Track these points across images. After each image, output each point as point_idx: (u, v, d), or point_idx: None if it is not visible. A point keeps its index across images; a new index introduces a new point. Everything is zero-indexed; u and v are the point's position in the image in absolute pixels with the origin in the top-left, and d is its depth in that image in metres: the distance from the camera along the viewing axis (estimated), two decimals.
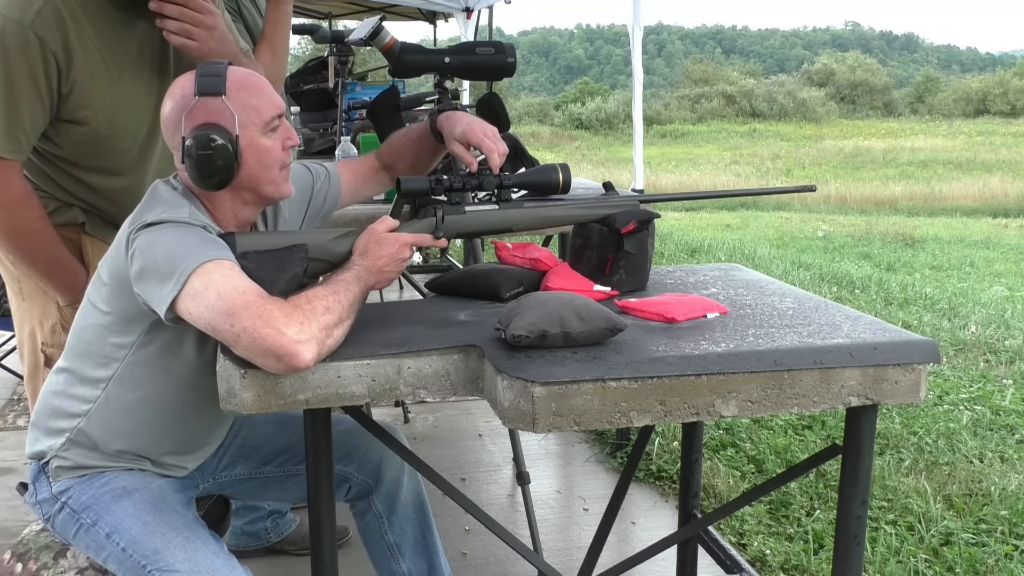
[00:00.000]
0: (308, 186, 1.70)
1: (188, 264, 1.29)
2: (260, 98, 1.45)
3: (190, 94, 1.41)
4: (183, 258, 1.30)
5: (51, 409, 1.51)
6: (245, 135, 1.42)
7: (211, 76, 1.41)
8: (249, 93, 1.44)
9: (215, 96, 1.40)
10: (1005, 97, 43.02)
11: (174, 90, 1.45)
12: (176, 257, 1.31)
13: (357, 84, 3.99)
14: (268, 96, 1.46)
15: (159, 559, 1.41)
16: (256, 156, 1.44)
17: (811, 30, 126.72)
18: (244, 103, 1.42)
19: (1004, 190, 18.39)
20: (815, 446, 3.23)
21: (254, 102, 1.44)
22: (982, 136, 31.47)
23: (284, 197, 1.52)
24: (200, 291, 1.28)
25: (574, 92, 47.63)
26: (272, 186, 1.48)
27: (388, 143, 1.79)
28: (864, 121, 41.17)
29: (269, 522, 2.42)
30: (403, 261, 1.47)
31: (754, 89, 44.01)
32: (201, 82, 1.40)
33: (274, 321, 1.23)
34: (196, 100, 1.40)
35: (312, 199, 1.71)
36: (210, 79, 1.41)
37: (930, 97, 48.46)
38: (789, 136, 33.93)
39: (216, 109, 1.40)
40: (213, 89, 1.40)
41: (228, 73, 1.43)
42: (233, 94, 1.42)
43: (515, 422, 1.22)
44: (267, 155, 1.45)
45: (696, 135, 34.90)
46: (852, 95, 47.75)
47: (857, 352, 1.31)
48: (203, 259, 1.30)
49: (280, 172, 1.49)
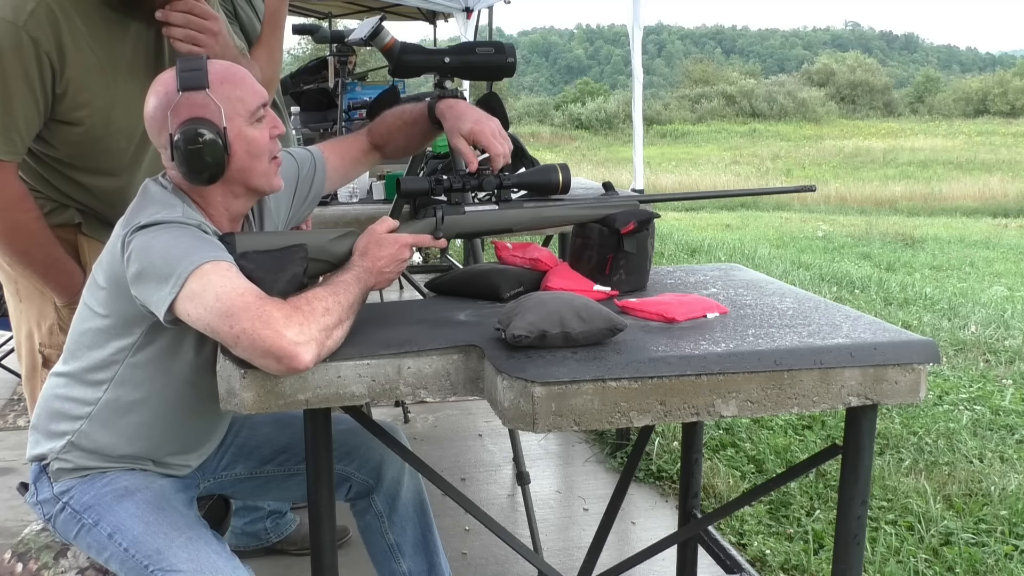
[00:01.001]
0: (293, 175, 1.68)
1: (185, 266, 1.29)
2: (243, 88, 1.44)
3: (173, 90, 1.39)
4: (180, 260, 1.30)
5: (51, 412, 1.51)
6: (233, 127, 1.41)
7: (192, 70, 1.39)
8: (232, 84, 1.43)
9: (198, 90, 1.39)
10: (1005, 97, 43.00)
11: (156, 87, 1.43)
12: (173, 259, 1.31)
13: (357, 84, 4.00)
14: (251, 86, 1.45)
15: (162, 559, 1.41)
16: (245, 147, 1.43)
17: (811, 30, 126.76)
18: (228, 95, 1.41)
19: (1004, 190, 18.39)
20: (815, 446, 3.23)
21: (238, 93, 1.43)
22: (982, 136, 31.47)
23: (275, 191, 1.51)
24: (198, 293, 1.27)
25: (574, 92, 47.61)
26: (263, 179, 1.47)
27: (381, 121, 1.76)
28: (864, 121, 41.16)
29: (269, 522, 2.42)
30: (403, 262, 1.47)
31: (754, 89, 44.00)
32: (183, 77, 1.39)
33: (273, 322, 1.23)
34: (180, 96, 1.39)
35: (297, 188, 1.69)
36: (191, 73, 1.39)
37: (930, 97, 48.44)
38: (789, 136, 33.92)
39: (201, 103, 1.39)
40: (196, 83, 1.38)
41: (209, 66, 1.41)
42: (216, 87, 1.40)
43: (515, 422, 1.22)
44: (255, 145, 1.44)
45: (696, 135, 34.89)
46: (852, 95, 47.73)
47: (857, 352, 1.31)
48: (200, 261, 1.30)
49: (270, 164, 1.47)
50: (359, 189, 2.85)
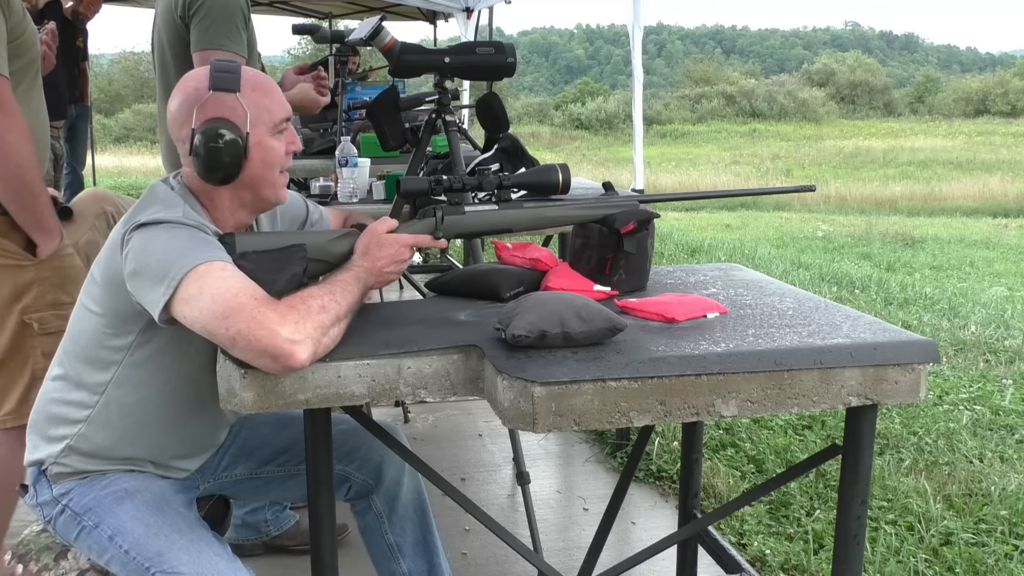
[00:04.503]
0: (302, 216, 1.73)
1: (180, 268, 1.30)
2: (272, 99, 1.47)
3: (204, 88, 1.43)
4: (175, 261, 1.31)
5: (49, 416, 1.51)
6: (255, 133, 1.44)
7: (227, 72, 1.43)
8: (262, 93, 1.47)
9: (229, 92, 1.42)
10: (1005, 97, 42.97)
11: (186, 83, 1.46)
12: (168, 260, 1.31)
13: (357, 84, 4.00)
14: (279, 98, 1.49)
15: (163, 561, 1.41)
16: (262, 155, 1.46)
17: (811, 30, 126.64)
18: (257, 102, 1.45)
19: (1004, 190, 18.38)
20: (815, 446, 3.23)
21: (266, 102, 1.46)
22: (982, 136, 31.45)
23: (280, 202, 1.55)
24: (194, 295, 1.28)
25: (574, 92, 47.58)
26: (271, 189, 1.50)
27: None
28: (864, 121, 41.14)
29: (270, 514, 2.41)
30: (403, 262, 1.48)
31: (754, 89, 43.97)
32: (216, 77, 1.42)
33: (268, 322, 1.24)
34: (210, 95, 1.42)
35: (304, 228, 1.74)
36: (225, 75, 1.43)
37: (930, 97, 48.42)
38: (789, 136, 33.91)
39: (229, 105, 1.42)
40: (228, 85, 1.42)
41: (243, 72, 1.45)
42: (247, 92, 1.44)
43: (515, 422, 1.22)
44: (272, 155, 1.47)
45: (696, 135, 34.87)
46: (852, 95, 47.71)
47: (857, 352, 1.31)
48: (195, 262, 1.30)
49: (280, 176, 1.51)
50: (359, 189, 2.85)
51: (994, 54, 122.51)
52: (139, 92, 33.29)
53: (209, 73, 1.43)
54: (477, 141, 2.69)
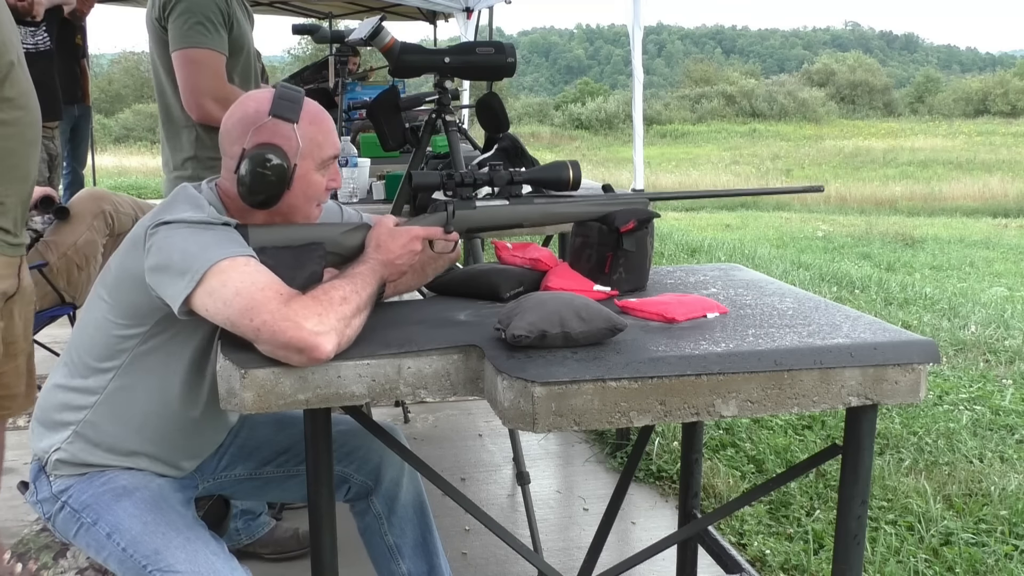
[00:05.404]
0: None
1: (203, 262, 1.31)
2: (325, 135, 1.49)
3: (264, 111, 1.44)
4: (197, 256, 1.32)
5: (56, 403, 1.53)
6: (302, 165, 1.46)
7: (289, 101, 1.45)
8: (318, 128, 1.48)
9: (288, 121, 1.44)
10: (1005, 97, 42.97)
11: (248, 102, 1.48)
12: (191, 254, 1.33)
13: (357, 84, 4.00)
14: (332, 136, 1.51)
15: (160, 559, 1.41)
16: (304, 188, 1.48)
17: (811, 30, 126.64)
18: (312, 136, 1.47)
19: (1004, 190, 18.38)
20: (815, 446, 3.23)
21: (320, 138, 1.48)
22: (982, 136, 31.45)
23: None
24: (217, 289, 1.29)
25: (574, 92, 47.58)
26: (304, 219, 1.52)
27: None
28: (864, 121, 41.14)
29: (240, 522, 2.31)
30: (415, 253, 1.49)
31: (754, 89, 43.98)
32: (278, 104, 1.44)
33: (292, 315, 1.25)
34: (269, 119, 1.43)
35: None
36: (288, 103, 1.45)
37: (930, 97, 48.41)
38: (789, 136, 33.91)
39: (284, 133, 1.44)
40: (288, 114, 1.44)
41: (305, 104, 1.47)
42: (304, 125, 1.46)
43: (515, 422, 1.22)
44: (313, 189, 1.49)
45: (696, 135, 34.88)
46: (852, 95, 47.72)
47: (857, 352, 1.31)
48: (218, 257, 1.32)
49: (315, 208, 1.53)
50: (359, 189, 2.85)
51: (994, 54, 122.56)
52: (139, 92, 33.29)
53: (273, 98, 1.45)
54: (477, 141, 2.69)
